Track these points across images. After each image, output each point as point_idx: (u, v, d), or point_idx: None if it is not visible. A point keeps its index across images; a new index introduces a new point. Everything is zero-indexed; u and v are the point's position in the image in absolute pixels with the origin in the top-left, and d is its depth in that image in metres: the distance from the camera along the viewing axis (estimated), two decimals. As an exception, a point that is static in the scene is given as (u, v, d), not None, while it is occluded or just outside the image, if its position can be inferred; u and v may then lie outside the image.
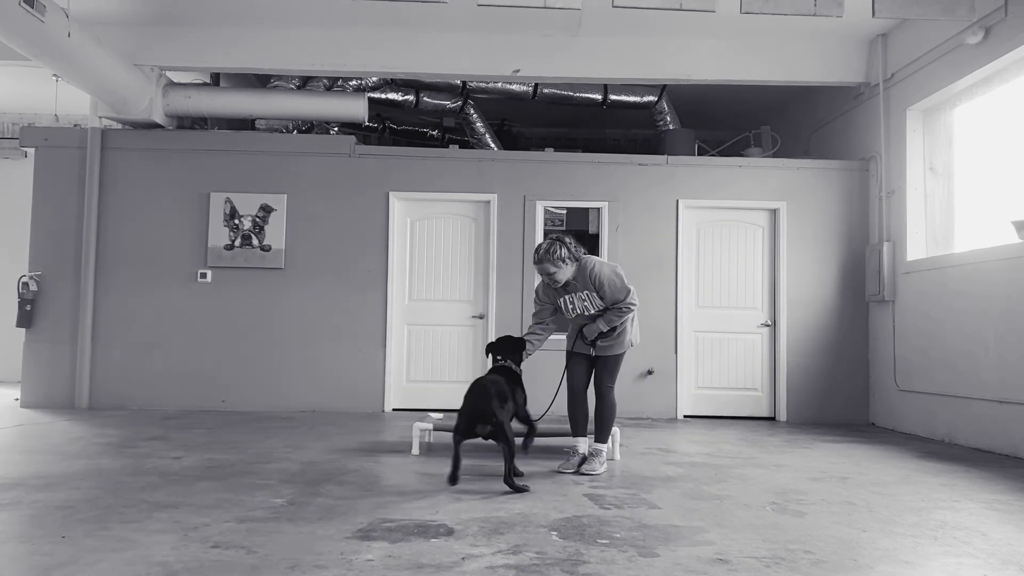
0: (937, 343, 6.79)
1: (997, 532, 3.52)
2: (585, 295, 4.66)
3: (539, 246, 4.67)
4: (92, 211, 7.85)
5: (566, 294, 4.71)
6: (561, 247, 4.59)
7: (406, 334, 8.10)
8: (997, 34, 6.10)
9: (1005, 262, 5.96)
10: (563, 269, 4.59)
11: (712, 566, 2.89)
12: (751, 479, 4.69)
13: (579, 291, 4.67)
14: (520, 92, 8.89)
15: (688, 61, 7.79)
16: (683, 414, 8.04)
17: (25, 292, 7.76)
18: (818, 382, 8.02)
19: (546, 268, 4.57)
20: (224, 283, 7.95)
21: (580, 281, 4.66)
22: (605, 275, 4.62)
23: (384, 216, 8.07)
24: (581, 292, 4.67)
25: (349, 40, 7.69)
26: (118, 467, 4.62)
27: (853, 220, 8.15)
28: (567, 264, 4.60)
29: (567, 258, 4.59)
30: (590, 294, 4.65)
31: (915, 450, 6.07)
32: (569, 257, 4.61)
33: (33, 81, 9.30)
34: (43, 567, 2.73)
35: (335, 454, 5.25)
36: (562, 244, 4.60)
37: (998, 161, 6.60)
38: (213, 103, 8.10)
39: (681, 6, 5.43)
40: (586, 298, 4.66)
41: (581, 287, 4.66)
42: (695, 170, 8.26)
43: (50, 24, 5.92)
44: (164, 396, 7.80)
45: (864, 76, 7.86)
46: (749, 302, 8.20)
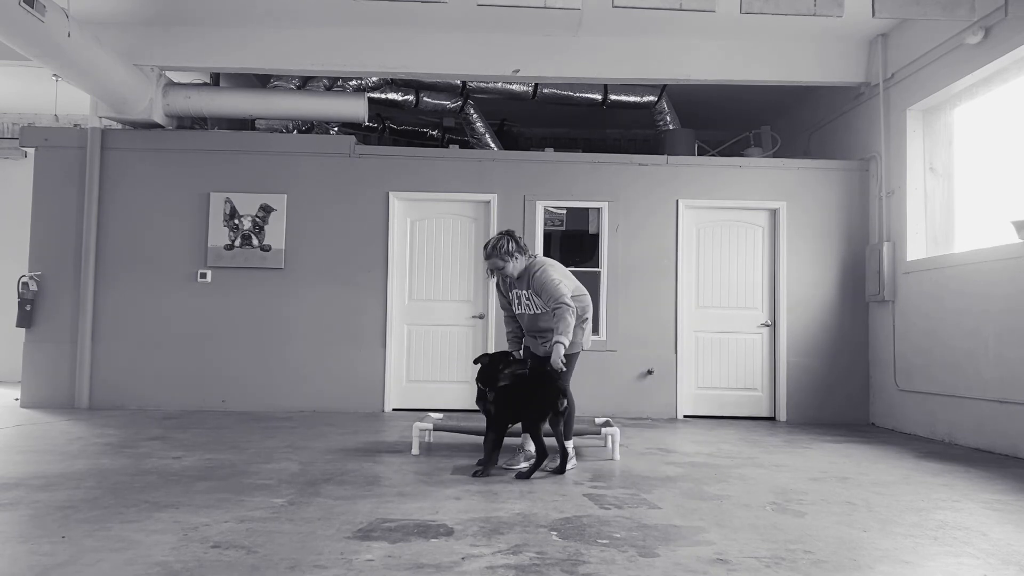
0: (937, 343, 6.79)
1: (997, 532, 3.52)
2: (528, 294, 4.80)
3: (487, 242, 4.83)
4: (92, 211, 7.85)
5: (516, 288, 4.88)
6: (509, 241, 4.75)
7: (406, 334, 8.10)
8: (997, 34, 6.10)
9: (1005, 262, 5.96)
10: (511, 263, 4.74)
11: (712, 566, 2.89)
12: (751, 479, 4.69)
13: (524, 289, 4.82)
14: (520, 92, 8.88)
15: (688, 61, 7.79)
16: (683, 414, 8.05)
17: (25, 292, 7.76)
18: (818, 382, 8.02)
19: (495, 263, 4.75)
20: (224, 283, 7.95)
21: (523, 280, 4.81)
22: (542, 279, 4.71)
23: (384, 216, 8.07)
24: (525, 291, 4.82)
25: (349, 40, 7.69)
26: (118, 467, 4.62)
27: (853, 220, 8.15)
28: (516, 258, 4.75)
29: (515, 252, 4.74)
30: (531, 294, 4.77)
31: (915, 450, 6.07)
32: (517, 251, 4.76)
33: (33, 81, 9.30)
34: (43, 567, 2.73)
35: (335, 454, 5.25)
36: (510, 238, 4.77)
37: (998, 161, 6.59)
38: (213, 103, 8.10)
39: (681, 6, 5.43)
40: (529, 297, 4.80)
41: (526, 286, 4.80)
42: (695, 170, 8.26)
43: (50, 24, 5.92)
44: (164, 396, 7.80)
45: (864, 76, 7.86)
46: (749, 302, 8.20)
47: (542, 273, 4.73)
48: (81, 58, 6.53)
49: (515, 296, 4.90)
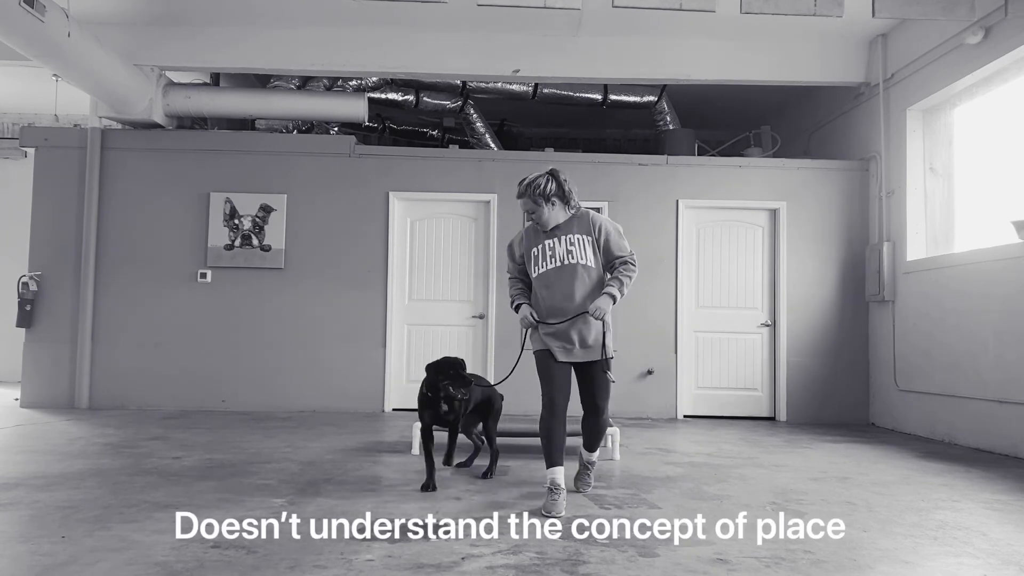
0: (937, 343, 6.79)
1: (997, 532, 3.52)
2: (578, 239, 3.85)
3: (524, 178, 3.94)
4: (92, 211, 7.85)
5: (548, 239, 3.90)
6: (550, 181, 3.85)
7: (406, 334, 8.10)
8: (997, 34, 6.10)
9: (1005, 262, 5.96)
10: (546, 210, 3.86)
11: (712, 566, 2.89)
12: (751, 479, 4.69)
13: (572, 234, 3.87)
14: (520, 92, 8.88)
15: (688, 61, 7.79)
16: (683, 414, 8.04)
17: (25, 292, 7.76)
18: (818, 382, 8.01)
19: (527, 204, 3.89)
20: (224, 283, 7.95)
21: (577, 225, 3.90)
22: (610, 225, 3.93)
23: (384, 216, 8.07)
24: (574, 236, 3.87)
25: (349, 40, 7.68)
26: (118, 467, 4.62)
27: (853, 220, 8.15)
28: (553, 205, 3.87)
29: (553, 196, 3.85)
30: (583, 240, 3.85)
31: (915, 450, 6.07)
32: (558, 196, 3.86)
33: (33, 81, 9.30)
34: (43, 567, 2.73)
35: (335, 454, 5.25)
36: (552, 179, 3.87)
37: (998, 161, 6.59)
38: (213, 103, 8.10)
39: (681, 6, 5.43)
40: (576, 243, 3.84)
41: (577, 230, 3.89)
42: (695, 170, 8.26)
43: (50, 24, 5.91)
44: (164, 396, 7.80)
45: (864, 76, 7.86)
46: (749, 302, 8.19)
47: (605, 221, 3.91)
48: (81, 58, 6.53)
49: (544, 248, 3.89)
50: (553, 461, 3.78)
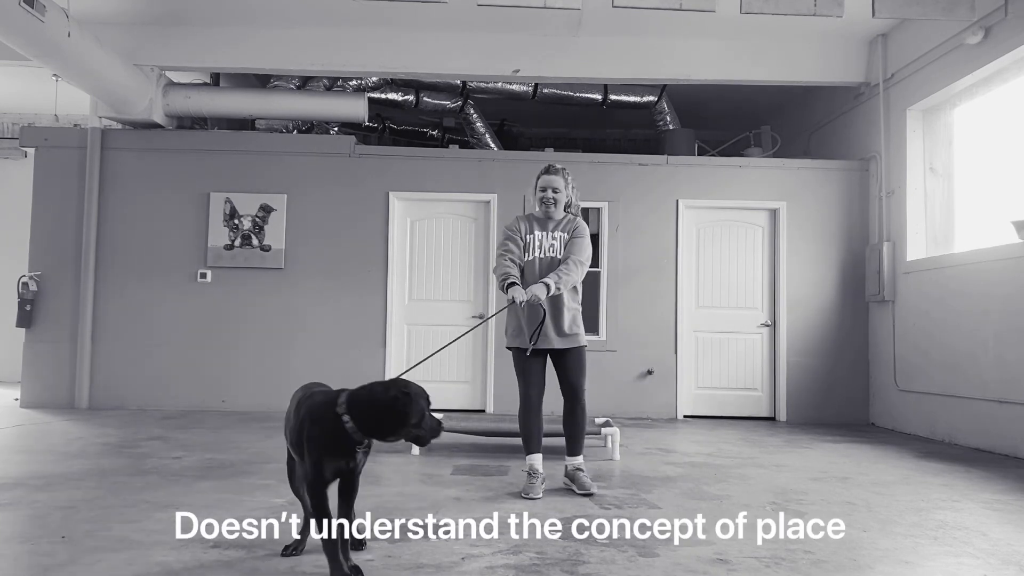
0: (937, 343, 6.79)
1: (997, 532, 3.52)
2: (559, 236, 4.33)
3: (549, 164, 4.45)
4: (92, 211, 7.85)
5: (539, 231, 4.36)
6: (571, 177, 4.45)
7: (406, 334, 8.09)
8: (997, 34, 6.10)
9: (1005, 262, 5.96)
10: (563, 196, 4.36)
11: (712, 566, 2.89)
12: (751, 479, 4.69)
13: (558, 231, 4.35)
14: (520, 92, 8.88)
15: (688, 61, 7.79)
16: (683, 414, 8.04)
17: (25, 292, 7.76)
18: (818, 382, 8.01)
19: (553, 181, 4.32)
20: (224, 283, 7.95)
21: (564, 225, 4.38)
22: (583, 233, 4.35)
23: (384, 216, 8.07)
24: (557, 233, 4.35)
25: (349, 40, 7.68)
26: (118, 467, 4.62)
27: (853, 220, 8.15)
28: (567, 198, 4.40)
29: (571, 189, 4.42)
30: (563, 238, 4.33)
31: (915, 450, 6.07)
32: (572, 189, 4.42)
33: (33, 81, 9.30)
34: (43, 567, 2.73)
35: (335, 454, 5.24)
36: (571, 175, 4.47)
37: (998, 161, 6.59)
38: (213, 103, 8.10)
39: (681, 6, 5.43)
40: (558, 239, 4.33)
41: (562, 229, 4.36)
42: (695, 170, 8.26)
43: (50, 24, 5.92)
44: (164, 396, 7.80)
45: (864, 76, 7.86)
46: (749, 302, 8.19)
47: (585, 230, 4.37)
48: (81, 58, 6.53)
49: (535, 239, 4.35)
50: (531, 449, 4.25)
